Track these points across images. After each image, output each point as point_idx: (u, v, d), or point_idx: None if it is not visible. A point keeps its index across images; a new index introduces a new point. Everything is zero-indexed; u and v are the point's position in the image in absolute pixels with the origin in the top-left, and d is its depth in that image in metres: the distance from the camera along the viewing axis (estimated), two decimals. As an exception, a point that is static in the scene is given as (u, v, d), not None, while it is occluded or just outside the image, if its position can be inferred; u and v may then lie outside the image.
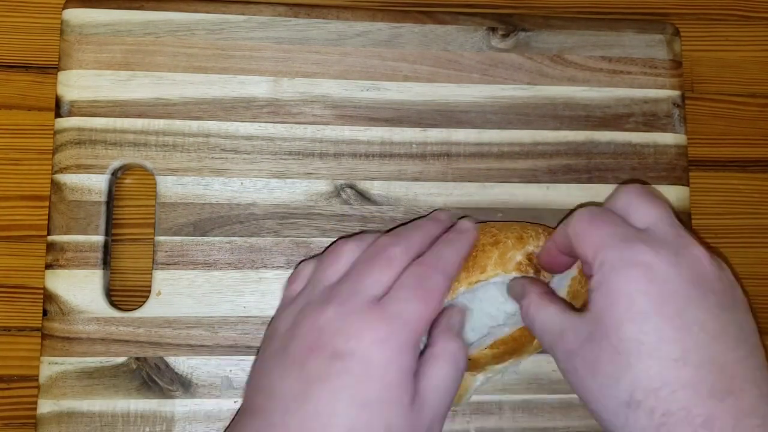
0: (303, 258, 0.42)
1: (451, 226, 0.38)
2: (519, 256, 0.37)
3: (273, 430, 0.31)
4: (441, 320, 0.35)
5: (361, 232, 0.42)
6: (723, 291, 0.30)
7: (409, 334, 0.32)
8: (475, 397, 0.41)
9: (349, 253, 0.36)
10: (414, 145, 0.43)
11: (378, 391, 0.31)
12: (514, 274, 0.36)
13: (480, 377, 0.38)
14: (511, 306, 0.37)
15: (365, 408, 0.30)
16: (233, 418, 0.35)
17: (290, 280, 0.38)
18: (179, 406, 0.40)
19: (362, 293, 0.33)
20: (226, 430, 0.35)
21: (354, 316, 0.32)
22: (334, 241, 0.38)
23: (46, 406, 0.39)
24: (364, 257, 0.35)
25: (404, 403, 0.31)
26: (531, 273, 0.36)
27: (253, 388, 0.34)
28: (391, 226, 0.42)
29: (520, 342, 0.36)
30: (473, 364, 0.37)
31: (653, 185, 0.44)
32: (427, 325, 0.33)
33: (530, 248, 0.37)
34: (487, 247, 0.37)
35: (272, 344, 0.34)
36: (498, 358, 0.37)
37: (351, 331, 0.31)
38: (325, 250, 0.38)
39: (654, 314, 0.28)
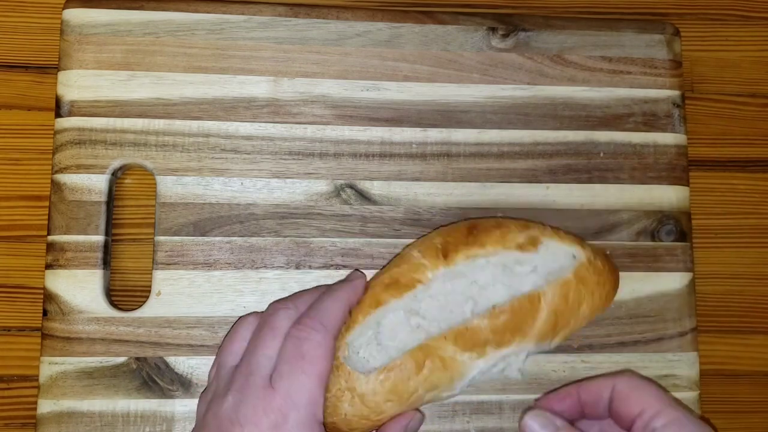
0: (303, 257, 0.42)
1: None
2: (521, 238, 0.37)
3: None
4: (398, 424, 0.36)
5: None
6: None
7: (300, 412, 0.33)
8: (475, 397, 0.41)
9: (245, 330, 0.37)
10: (414, 145, 0.43)
11: None
12: (515, 252, 0.36)
13: (480, 363, 0.36)
14: (508, 290, 0.36)
15: None
16: None
17: (213, 365, 0.38)
18: (179, 406, 0.40)
19: (255, 374, 0.34)
20: None
21: (249, 404, 0.33)
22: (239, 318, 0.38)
23: (46, 406, 0.39)
24: (256, 330, 0.36)
25: None
26: (532, 252, 0.37)
27: None
28: (392, 226, 0.42)
29: (519, 316, 0.36)
30: (471, 340, 0.35)
31: (653, 185, 0.44)
32: (320, 387, 0.34)
33: (534, 232, 0.37)
34: (491, 228, 0.37)
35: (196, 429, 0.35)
36: (498, 336, 0.36)
37: (246, 419, 0.33)
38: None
39: None
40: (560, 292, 0.36)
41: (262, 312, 0.37)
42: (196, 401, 0.39)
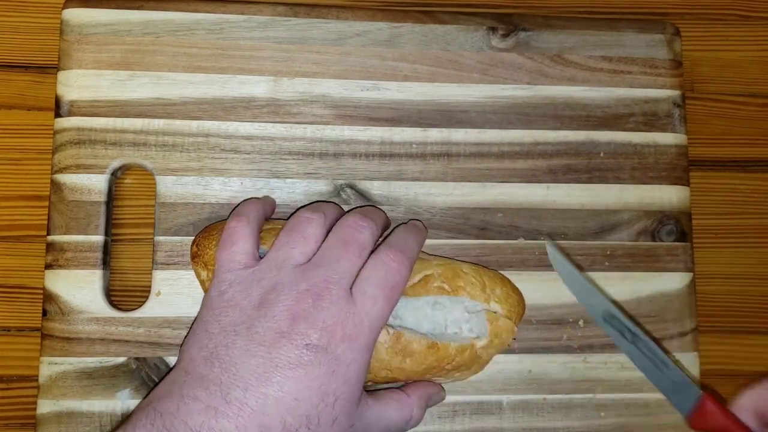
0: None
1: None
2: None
3: (229, 404, 0.31)
4: (425, 389, 0.37)
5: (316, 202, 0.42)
6: None
7: (372, 334, 0.34)
8: (475, 397, 0.41)
9: (318, 229, 0.36)
10: (414, 145, 0.43)
11: (338, 387, 0.32)
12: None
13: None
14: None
15: (324, 400, 0.32)
16: (167, 377, 0.33)
17: (227, 243, 0.36)
18: (179, 406, 0.40)
19: (336, 283, 0.34)
20: (157, 386, 0.33)
21: (327, 311, 0.33)
22: (293, 213, 0.38)
23: (45, 406, 0.39)
24: (333, 240, 0.36)
25: (354, 401, 0.33)
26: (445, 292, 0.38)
27: (205, 355, 0.33)
28: (392, 226, 0.42)
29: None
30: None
31: (653, 185, 0.44)
32: (387, 320, 0.35)
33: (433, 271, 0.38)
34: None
35: (231, 315, 0.34)
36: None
37: (324, 325, 0.33)
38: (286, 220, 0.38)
39: None
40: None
41: (330, 217, 0.37)
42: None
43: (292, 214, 0.39)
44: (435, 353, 0.36)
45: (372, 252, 0.36)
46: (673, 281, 0.44)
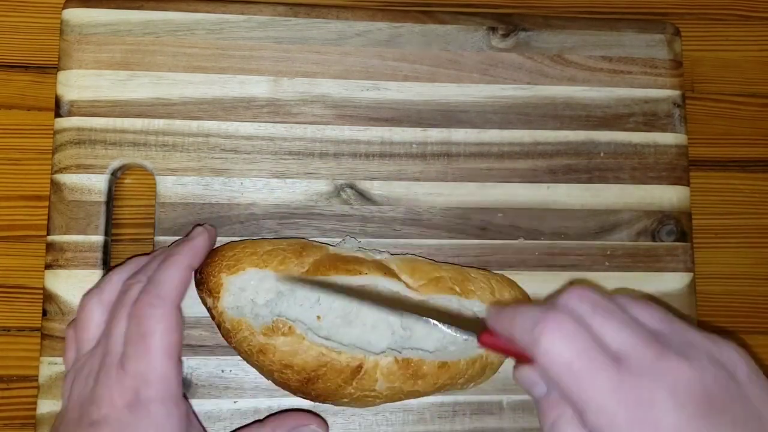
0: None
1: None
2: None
3: None
4: (291, 422, 0.37)
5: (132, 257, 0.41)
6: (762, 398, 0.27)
7: (152, 388, 0.33)
8: (475, 397, 0.41)
9: (95, 311, 0.36)
10: (414, 145, 0.43)
11: None
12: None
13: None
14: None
15: None
16: None
17: (64, 352, 0.38)
18: (179, 406, 0.40)
19: (110, 354, 0.34)
20: None
21: (104, 385, 0.33)
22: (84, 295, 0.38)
23: (46, 406, 0.39)
24: (112, 309, 0.36)
25: None
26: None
27: None
28: (392, 226, 0.42)
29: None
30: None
31: (653, 185, 0.44)
32: (170, 359, 0.34)
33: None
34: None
35: (55, 423, 0.35)
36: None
37: (102, 399, 0.33)
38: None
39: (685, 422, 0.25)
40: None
41: (107, 287, 0.37)
42: (195, 401, 0.40)
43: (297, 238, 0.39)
44: (446, 372, 0.37)
45: None
46: (673, 281, 0.44)
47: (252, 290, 0.37)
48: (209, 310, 0.38)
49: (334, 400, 0.37)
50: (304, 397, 0.38)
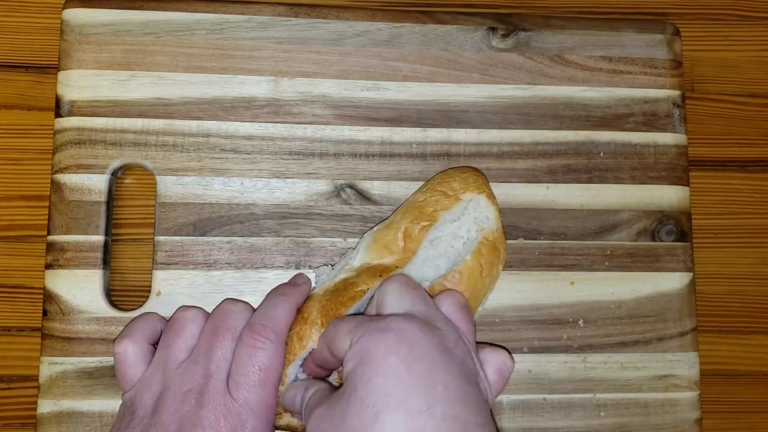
0: (302, 258, 0.42)
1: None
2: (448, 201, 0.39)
3: None
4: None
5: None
6: (464, 362, 0.32)
7: (257, 419, 0.34)
8: (475, 397, 0.41)
9: (193, 323, 0.36)
10: (414, 145, 0.43)
11: None
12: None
13: None
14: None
15: None
16: None
17: (118, 371, 0.37)
18: (179, 406, 0.40)
19: (215, 377, 0.34)
20: None
21: (209, 408, 0.33)
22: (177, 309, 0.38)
23: (46, 406, 0.39)
24: (206, 331, 0.36)
25: None
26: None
27: None
28: (391, 226, 0.42)
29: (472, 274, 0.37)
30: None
31: (653, 185, 0.44)
32: (274, 395, 0.35)
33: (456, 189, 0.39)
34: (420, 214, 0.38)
35: (131, 425, 0.35)
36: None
37: (209, 423, 0.33)
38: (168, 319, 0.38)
39: (402, 370, 0.29)
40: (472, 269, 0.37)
41: (213, 309, 0.37)
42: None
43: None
44: (466, 278, 0.37)
45: None
46: (673, 281, 0.44)
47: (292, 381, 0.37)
48: (291, 429, 0.37)
49: None
50: None
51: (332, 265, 0.41)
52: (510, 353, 0.35)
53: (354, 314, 0.36)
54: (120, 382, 0.36)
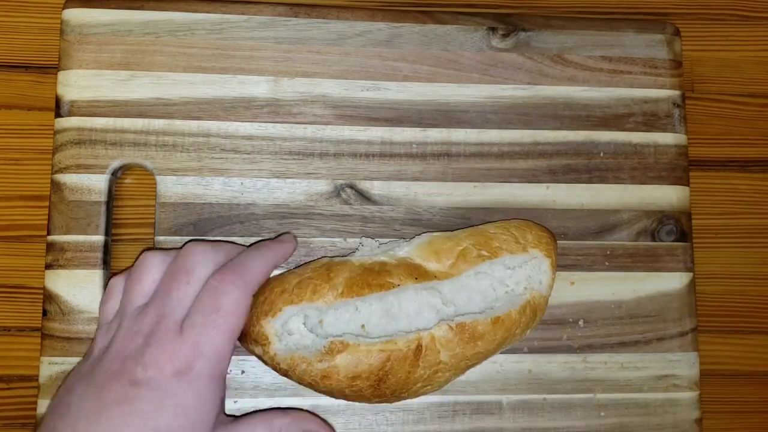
0: (305, 249, 0.42)
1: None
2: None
3: None
4: (305, 420, 0.36)
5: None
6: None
7: (205, 363, 0.33)
8: (475, 397, 0.41)
9: (154, 268, 0.36)
10: (414, 145, 0.43)
11: (169, 422, 0.32)
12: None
13: None
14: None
15: None
16: None
17: (104, 299, 0.37)
18: (179, 406, 0.40)
19: (168, 318, 0.34)
20: None
21: (156, 347, 0.33)
22: (141, 253, 0.38)
23: (46, 406, 0.39)
24: (168, 271, 0.36)
25: None
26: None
27: (51, 406, 0.34)
28: (392, 226, 0.42)
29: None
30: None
31: (653, 185, 0.44)
32: (230, 342, 0.34)
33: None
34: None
35: (83, 365, 0.35)
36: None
37: (152, 361, 0.32)
38: (133, 264, 0.38)
39: None
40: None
41: (175, 251, 0.37)
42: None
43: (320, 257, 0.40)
44: (501, 326, 0.37)
45: None
46: (673, 281, 0.44)
47: (294, 326, 0.37)
48: (260, 357, 0.37)
49: (409, 392, 0.37)
50: (380, 402, 0.38)
51: (379, 243, 0.41)
52: None
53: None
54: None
